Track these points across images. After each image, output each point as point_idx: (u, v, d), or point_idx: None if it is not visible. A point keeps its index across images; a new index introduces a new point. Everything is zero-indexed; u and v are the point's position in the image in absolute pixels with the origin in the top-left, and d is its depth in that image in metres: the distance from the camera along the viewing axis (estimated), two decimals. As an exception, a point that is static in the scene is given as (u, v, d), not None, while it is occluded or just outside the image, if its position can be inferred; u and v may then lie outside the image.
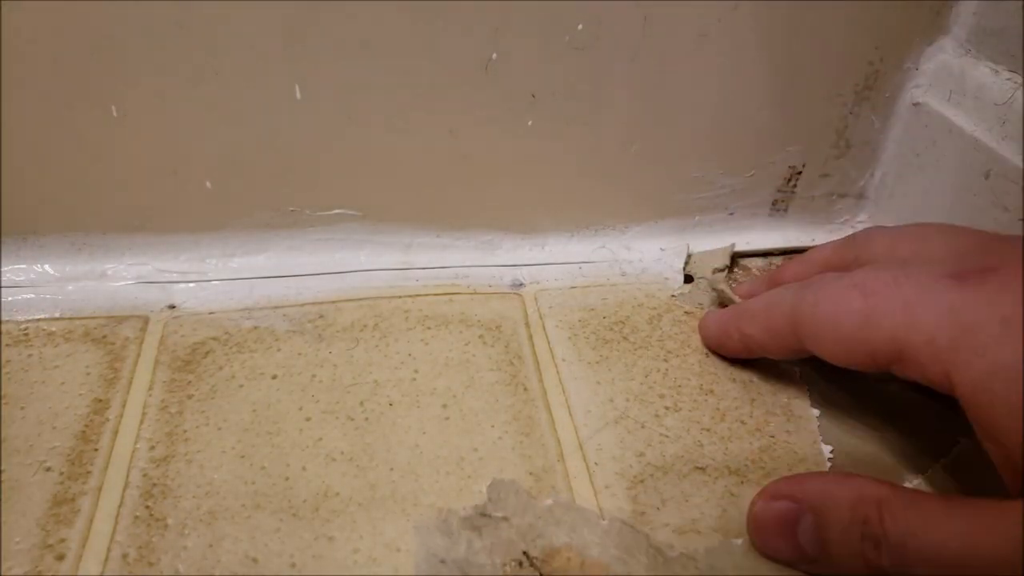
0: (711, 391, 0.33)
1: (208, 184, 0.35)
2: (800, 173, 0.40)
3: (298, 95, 0.33)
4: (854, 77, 0.37)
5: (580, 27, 0.33)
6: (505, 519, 0.27)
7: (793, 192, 0.40)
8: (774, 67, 0.36)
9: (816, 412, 0.32)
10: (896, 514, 0.22)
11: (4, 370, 0.32)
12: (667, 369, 0.34)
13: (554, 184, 0.38)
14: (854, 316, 0.26)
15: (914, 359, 0.24)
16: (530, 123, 0.36)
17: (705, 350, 0.35)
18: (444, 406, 0.32)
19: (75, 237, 0.36)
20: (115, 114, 0.33)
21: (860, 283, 0.26)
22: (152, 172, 0.34)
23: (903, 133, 0.39)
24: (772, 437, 0.31)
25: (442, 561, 0.25)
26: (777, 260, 0.41)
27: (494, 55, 0.34)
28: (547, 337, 0.36)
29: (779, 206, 0.41)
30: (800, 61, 0.36)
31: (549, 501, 0.28)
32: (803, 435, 0.31)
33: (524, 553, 0.25)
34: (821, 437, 0.31)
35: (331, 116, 0.34)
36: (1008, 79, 0.34)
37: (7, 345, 0.34)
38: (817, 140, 0.39)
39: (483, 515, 0.27)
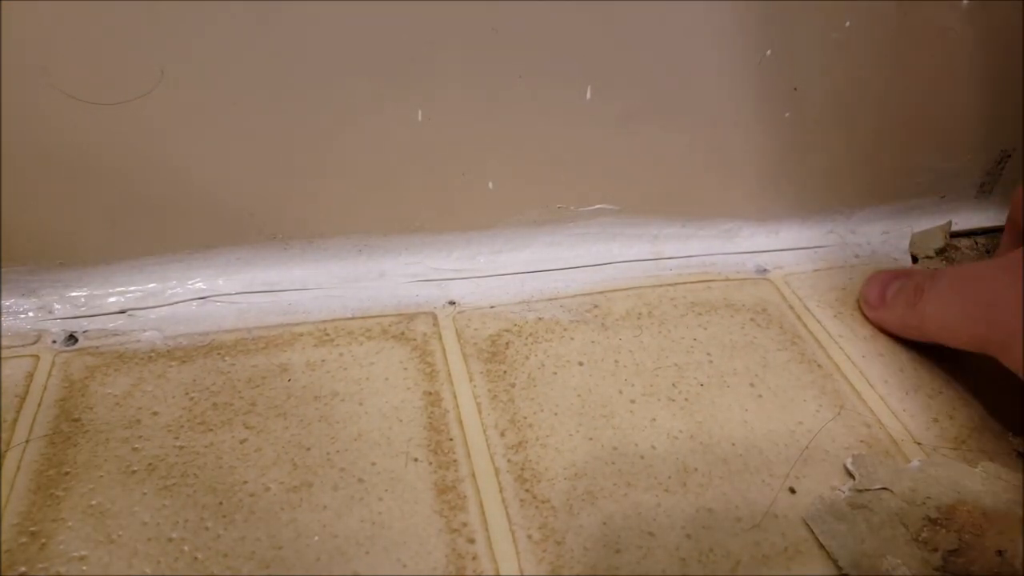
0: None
1: (490, 184, 0.37)
2: (1010, 156, 0.42)
3: (588, 96, 0.35)
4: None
5: (847, 23, 0.35)
6: (885, 489, 0.29)
7: (1000, 174, 0.43)
8: (1009, 54, 0.38)
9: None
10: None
11: (324, 369, 0.34)
12: (935, 341, 0.36)
13: (792, 172, 0.40)
14: None
15: None
16: (787, 115, 0.38)
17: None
18: (751, 385, 0.34)
19: (357, 239, 0.37)
20: (420, 119, 0.34)
21: None
22: (445, 174, 0.36)
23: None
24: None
25: (861, 541, 0.27)
26: (981, 239, 0.44)
27: (768, 52, 0.35)
28: (815, 317, 0.38)
29: (985, 188, 0.43)
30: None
31: (915, 462, 0.30)
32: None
33: (926, 517, 0.27)
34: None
35: (611, 117, 0.36)
36: None
37: (314, 346, 0.35)
38: (1026, 123, 0.42)
39: (861, 491, 0.29)
